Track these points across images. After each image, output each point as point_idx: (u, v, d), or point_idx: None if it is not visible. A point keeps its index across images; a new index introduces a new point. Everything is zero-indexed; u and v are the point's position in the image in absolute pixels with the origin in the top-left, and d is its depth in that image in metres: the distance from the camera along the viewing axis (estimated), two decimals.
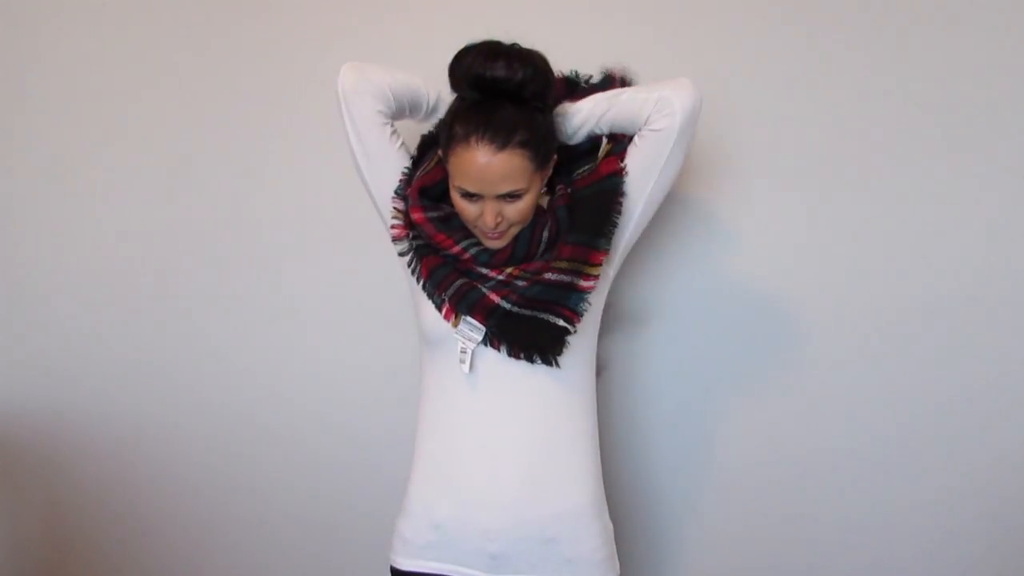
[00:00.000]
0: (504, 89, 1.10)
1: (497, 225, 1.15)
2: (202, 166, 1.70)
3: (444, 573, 1.27)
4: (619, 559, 1.31)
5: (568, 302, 1.17)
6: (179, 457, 1.80)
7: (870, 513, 1.65)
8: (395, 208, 1.25)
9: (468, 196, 1.15)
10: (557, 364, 1.20)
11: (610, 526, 1.31)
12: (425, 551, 1.27)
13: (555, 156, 1.21)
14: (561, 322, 1.17)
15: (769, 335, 1.62)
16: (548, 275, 1.17)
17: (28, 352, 1.79)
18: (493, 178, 1.11)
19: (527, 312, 1.17)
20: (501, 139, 1.09)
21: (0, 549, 1.84)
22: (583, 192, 1.20)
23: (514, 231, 1.20)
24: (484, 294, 1.19)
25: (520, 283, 1.18)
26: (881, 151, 1.55)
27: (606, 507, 1.31)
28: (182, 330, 1.75)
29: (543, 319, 1.18)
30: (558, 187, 1.23)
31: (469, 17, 1.57)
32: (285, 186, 1.69)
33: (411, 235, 1.24)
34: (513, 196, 1.14)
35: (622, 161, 1.20)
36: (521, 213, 1.16)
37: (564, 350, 1.20)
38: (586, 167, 1.22)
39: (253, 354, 1.74)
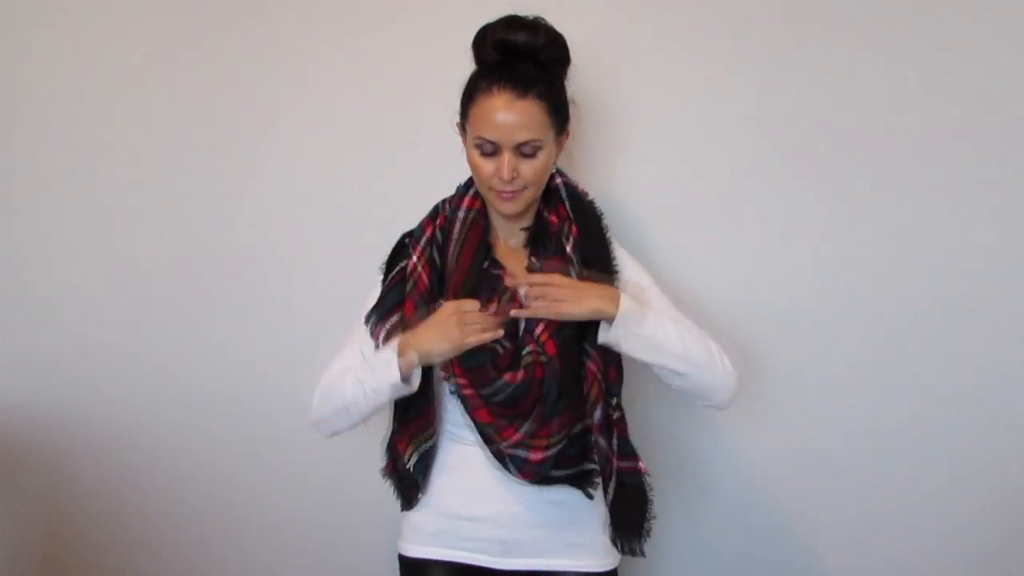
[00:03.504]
0: (526, 52, 1.16)
1: (512, 180, 1.17)
2: (202, 166, 1.71)
3: (454, 560, 1.27)
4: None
5: None
6: (179, 456, 1.80)
7: (871, 513, 1.65)
8: None
9: (486, 152, 1.18)
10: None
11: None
12: (435, 538, 1.28)
13: (568, 131, 1.24)
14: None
15: (768, 336, 1.62)
16: None
17: (28, 352, 1.80)
18: (513, 124, 1.14)
19: None
20: (522, 88, 1.14)
21: (0, 549, 1.85)
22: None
23: (527, 196, 1.21)
24: None
25: None
26: (878, 151, 1.55)
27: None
28: (182, 329, 1.76)
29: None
30: None
31: (463, 19, 1.58)
32: (285, 185, 1.70)
33: None
34: (529, 151, 1.17)
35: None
36: (536, 173, 1.19)
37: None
38: None
39: (254, 353, 1.75)
